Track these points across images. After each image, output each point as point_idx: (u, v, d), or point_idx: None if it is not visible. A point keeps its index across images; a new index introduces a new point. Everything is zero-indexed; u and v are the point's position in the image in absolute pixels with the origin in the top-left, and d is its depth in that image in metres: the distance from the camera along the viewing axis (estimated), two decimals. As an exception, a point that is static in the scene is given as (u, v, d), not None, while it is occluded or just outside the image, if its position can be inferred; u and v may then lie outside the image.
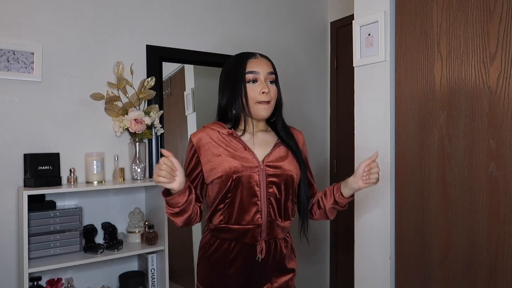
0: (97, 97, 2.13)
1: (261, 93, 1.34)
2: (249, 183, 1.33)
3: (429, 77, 1.67)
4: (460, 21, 1.56)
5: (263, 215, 1.35)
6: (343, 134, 2.94)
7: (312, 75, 3.00)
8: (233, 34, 2.63)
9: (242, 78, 1.35)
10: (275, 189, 1.36)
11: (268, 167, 1.35)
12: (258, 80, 1.35)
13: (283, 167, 1.37)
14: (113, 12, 2.21)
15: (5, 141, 1.93)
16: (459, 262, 1.58)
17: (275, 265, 1.40)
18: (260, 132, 1.43)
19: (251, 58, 1.38)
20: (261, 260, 1.37)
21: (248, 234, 1.35)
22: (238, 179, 1.32)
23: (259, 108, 1.35)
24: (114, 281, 2.20)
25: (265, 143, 1.41)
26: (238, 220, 1.34)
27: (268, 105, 1.35)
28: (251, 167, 1.33)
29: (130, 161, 2.21)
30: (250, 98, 1.35)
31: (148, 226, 2.14)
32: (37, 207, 1.90)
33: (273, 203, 1.36)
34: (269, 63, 1.40)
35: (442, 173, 1.62)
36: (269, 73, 1.37)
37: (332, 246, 3.08)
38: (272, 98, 1.36)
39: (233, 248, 1.37)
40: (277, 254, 1.39)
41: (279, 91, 1.43)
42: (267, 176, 1.35)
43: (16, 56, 1.94)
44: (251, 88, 1.35)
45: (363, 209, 1.92)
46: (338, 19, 3.01)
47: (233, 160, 1.33)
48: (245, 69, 1.35)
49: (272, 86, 1.38)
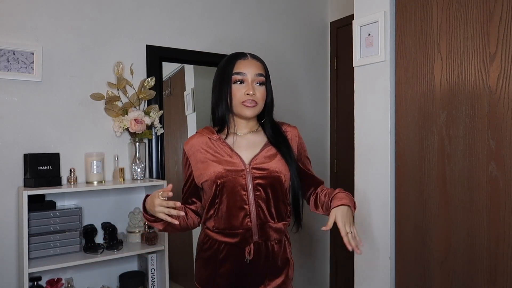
0: (97, 97, 2.13)
1: (246, 94, 1.34)
2: (234, 188, 1.33)
3: (429, 77, 1.67)
4: (460, 21, 1.56)
5: (252, 218, 1.34)
6: (343, 134, 2.94)
7: (312, 75, 3.00)
8: (233, 34, 2.63)
9: (229, 78, 1.35)
10: (263, 192, 1.35)
11: (254, 169, 1.35)
12: (245, 81, 1.35)
13: (270, 168, 1.35)
14: (113, 12, 2.21)
15: (5, 141, 1.93)
16: (459, 262, 1.58)
17: (268, 268, 1.39)
18: (249, 133, 1.42)
19: (240, 58, 1.37)
20: (249, 262, 1.36)
21: (239, 238, 1.35)
22: (223, 184, 1.32)
23: (243, 108, 1.35)
24: (114, 281, 2.20)
25: (254, 144, 1.41)
26: (228, 225, 1.35)
27: (253, 105, 1.35)
28: (236, 170, 1.33)
29: (130, 161, 2.21)
30: (235, 99, 1.35)
31: (148, 226, 2.14)
32: (37, 207, 1.90)
33: (262, 206, 1.35)
34: (259, 65, 1.39)
35: (442, 173, 1.63)
36: (258, 74, 1.36)
37: (332, 246, 3.08)
38: (258, 100, 1.36)
39: (223, 249, 1.37)
40: (269, 256, 1.38)
41: (271, 92, 1.42)
42: (253, 179, 1.34)
43: (16, 56, 1.93)
44: (237, 89, 1.35)
45: (363, 209, 1.91)
46: (338, 19, 3.01)
47: (218, 165, 1.34)
48: (233, 70, 1.35)
49: (260, 88, 1.37)
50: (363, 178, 1.92)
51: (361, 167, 1.93)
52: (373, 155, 1.87)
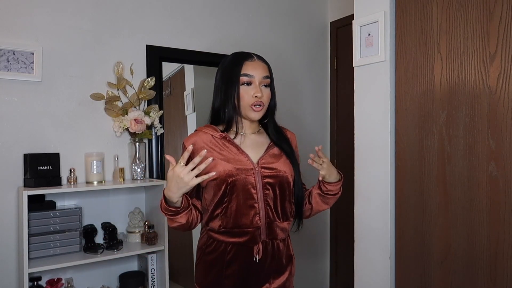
0: (97, 97, 2.13)
1: (254, 96, 1.34)
2: (245, 186, 1.33)
3: (429, 77, 1.67)
4: (460, 21, 1.56)
5: (261, 217, 1.34)
6: (343, 134, 2.94)
7: (312, 75, 3.00)
8: (233, 34, 2.63)
9: (236, 79, 1.34)
10: (272, 191, 1.35)
11: (263, 168, 1.35)
12: (253, 83, 1.35)
13: (278, 168, 1.37)
14: (113, 12, 2.21)
15: (5, 141, 1.93)
16: (459, 262, 1.58)
17: (274, 266, 1.39)
18: (253, 134, 1.43)
19: (247, 60, 1.36)
20: (258, 261, 1.36)
21: (248, 237, 1.35)
22: (233, 182, 1.32)
23: (250, 111, 1.35)
24: (114, 281, 2.20)
25: (258, 145, 1.41)
26: (237, 223, 1.34)
27: (260, 109, 1.35)
28: (245, 169, 1.33)
29: (130, 161, 2.21)
30: (243, 100, 1.34)
31: (148, 226, 2.14)
32: (37, 207, 1.90)
33: (271, 205, 1.35)
34: (265, 67, 1.38)
35: (442, 173, 1.62)
36: (265, 77, 1.36)
37: (332, 245, 3.08)
38: (265, 101, 1.36)
39: (230, 250, 1.36)
40: (275, 254, 1.39)
41: (274, 94, 1.43)
42: (263, 178, 1.35)
43: (16, 56, 1.93)
44: (245, 91, 1.34)
45: (363, 209, 1.92)
46: (338, 19, 3.01)
47: (227, 163, 1.33)
48: (241, 71, 1.34)
49: (266, 89, 1.37)
50: (363, 178, 1.92)
51: (361, 167, 1.93)
52: (373, 155, 1.87)
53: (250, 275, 1.37)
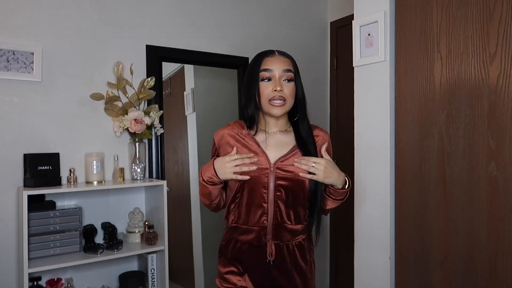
0: (97, 97, 2.13)
1: (273, 91, 1.32)
2: (256, 185, 1.33)
3: (429, 77, 1.67)
4: (460, 21, 1.56)
5: (269, 217, 1.35)
6: (343, 134, 2.94)
7: (312, 75, 3.00)
8: (233, 34, 2.63)
9: (256, 76, 1.34)
10: (284, 193, 1.34)
11: (279, 169, 1.34)
12: (273, 78, 1.33)
13: (295, 171, 1.33)
14: (113, 12, 2.21)
15: (5, 141, 1.93)
16: (459, 262, 1.58)
17: (292, 270, 1.39)
18: (278, 132, 1.40)
19: (267, 56, 1.36)
20: (273, 263, 1.37)
21: (254, 235, 1.36)
22: (245, 180, 1.33)
23: (271, 106, 1.33)
24: (114, 281, 2.20)
25: (282, 144, 1.38)
26: (245, 220, 1.36)
27: (281, 104, 1.32)
28: (260, 168, 1.33)
29: (130, 161, 2.21)
30: (263, 96, 1.33)
31: (148, 226, 2.14)
32: (37, 207, 1.90)
33: (281, 207, 1.35)
34: (286, 60, 1.36)
35: (442, 173, 1.62)
36: (285, 70, 1.33)
37: (332, 246, 3.08)
38: (287, 96, 1.33)
39: (246, 250, 1.39)
40: (292, 258, 1.39)
41: (301, 88, 1.40)
42: (276, 179, 1.33)
43: (16, 56, 1.93)
44: (265, 86, 1.33)
45: (363, 209, 1.92)
46: (338, 19, 3.01)
47: None
48: (260, 67, 1.34)
49: (289, 84, 1.34)
50: (363, 178, 1.92)
51: (361, 167, 1.93)
52: (373, 155, 1.87)
53: (266, 275, 1.38)
